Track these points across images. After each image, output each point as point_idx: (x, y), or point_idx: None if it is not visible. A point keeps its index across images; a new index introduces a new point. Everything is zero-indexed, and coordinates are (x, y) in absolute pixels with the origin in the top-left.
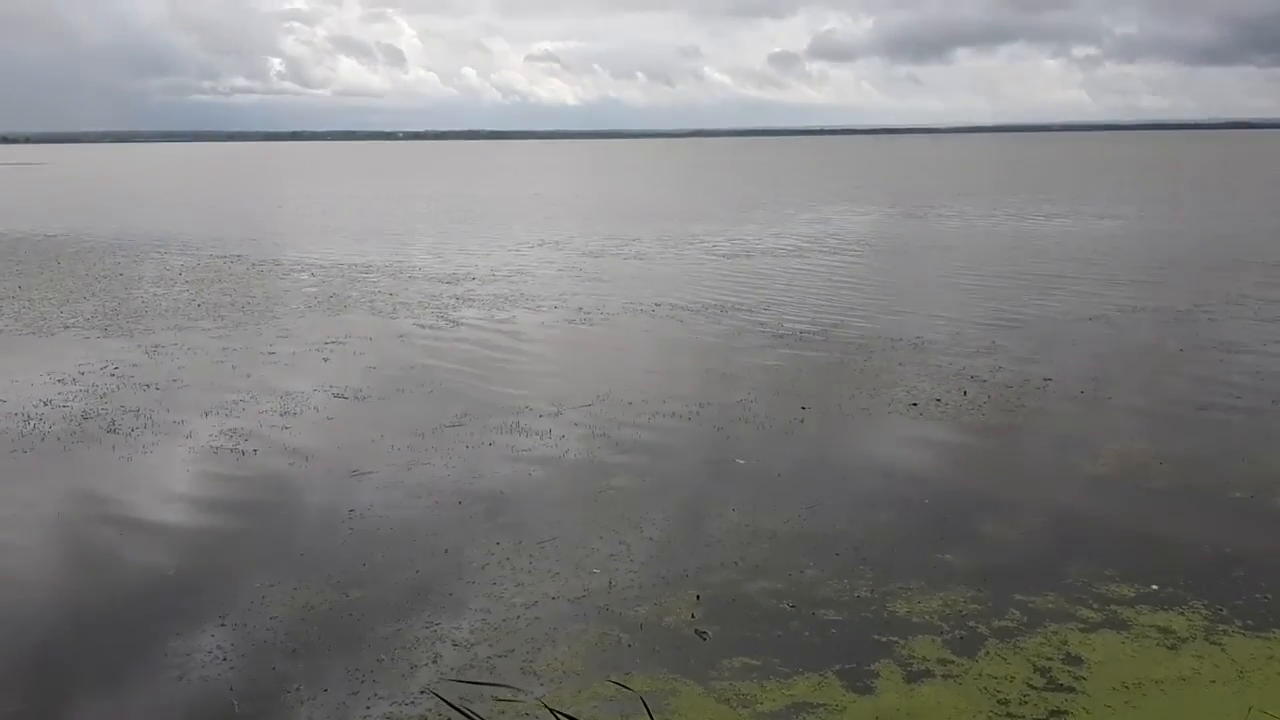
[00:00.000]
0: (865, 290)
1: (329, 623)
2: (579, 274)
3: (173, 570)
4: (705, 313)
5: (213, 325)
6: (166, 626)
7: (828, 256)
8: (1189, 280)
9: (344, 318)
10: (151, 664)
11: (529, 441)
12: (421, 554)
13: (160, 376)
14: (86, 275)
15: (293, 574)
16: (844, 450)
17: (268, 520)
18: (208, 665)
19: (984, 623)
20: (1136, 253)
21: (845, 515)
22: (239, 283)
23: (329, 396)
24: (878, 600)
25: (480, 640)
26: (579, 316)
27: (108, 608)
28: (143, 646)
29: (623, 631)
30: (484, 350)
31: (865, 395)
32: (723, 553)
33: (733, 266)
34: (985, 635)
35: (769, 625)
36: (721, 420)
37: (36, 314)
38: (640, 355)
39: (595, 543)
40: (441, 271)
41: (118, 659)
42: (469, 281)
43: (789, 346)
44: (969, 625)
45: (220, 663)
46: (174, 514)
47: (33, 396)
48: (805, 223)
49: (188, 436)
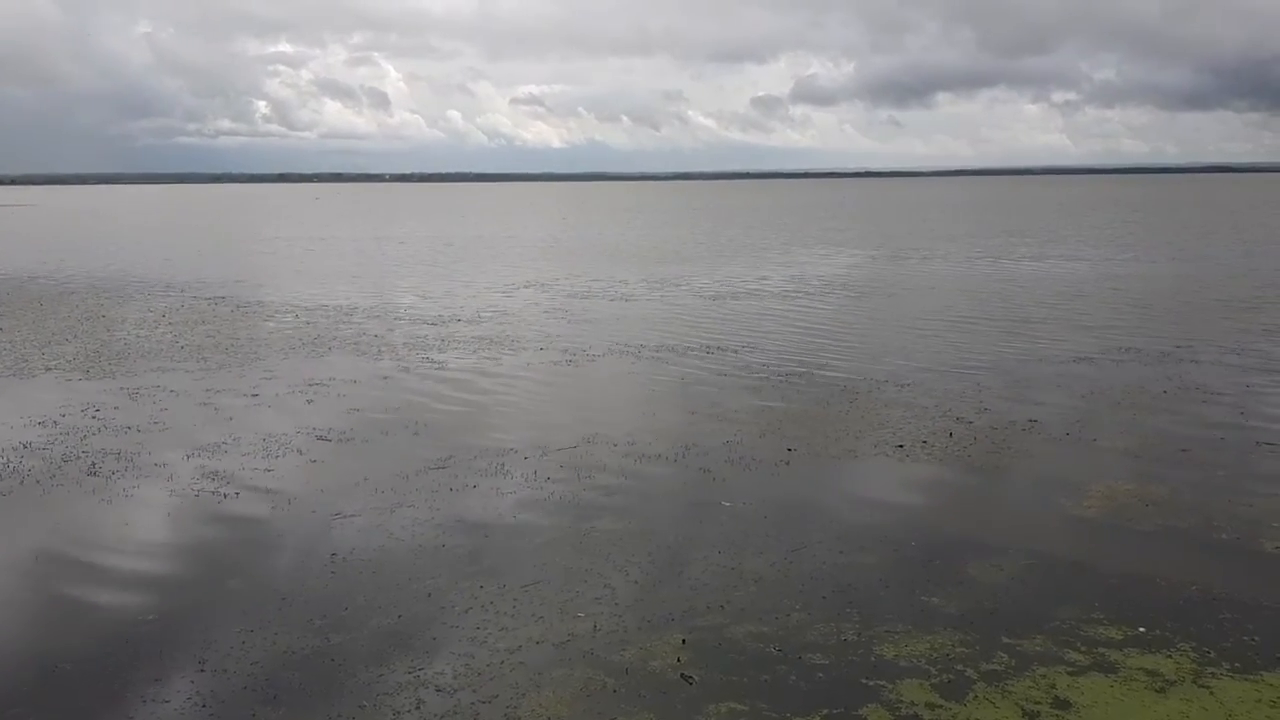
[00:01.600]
0: (850, 332)
1: (310, 668)
2: (565, 316)
3: (153, 615)
4: (691, 354)
5: (196, 367)
6: (145, 672)
7: (812, 299)
8: (1171, 322)
9: (328, 360)
10: (129, 711)
11: (513, 484)
12: (404, 598)
13: (142, 419)
14: (69, 317)
15: (274, 618)
16: (830, 492)
17: (249, 564)
18: (187, 712)
19: (972, 666)
20: (1119, 294)
21: (831, 558)
22: (223, 324)
23: (312, 439)
24: (864, 644)
25: (464, 686)
26: (564, 358)
27: (85, 654)
28: (120, 693)
29: (608, 676)
30: (468, 392)
31: (851, 437)
32: (708, 596)
33: (718, 308)
34: (973, 679)
35: (755, 669)
36: (707, 462)
37: (17, 355)
38: (626, 397)
39: (580, 586)
40: (427, 313)
41: (95, 706)
42: (454, 323)
43: (775, 388)
44: (956, 669)
45: (200, 709)
46: (154, 558)
47: (12, 439)
48: (790, 265)
49: (169, 479)
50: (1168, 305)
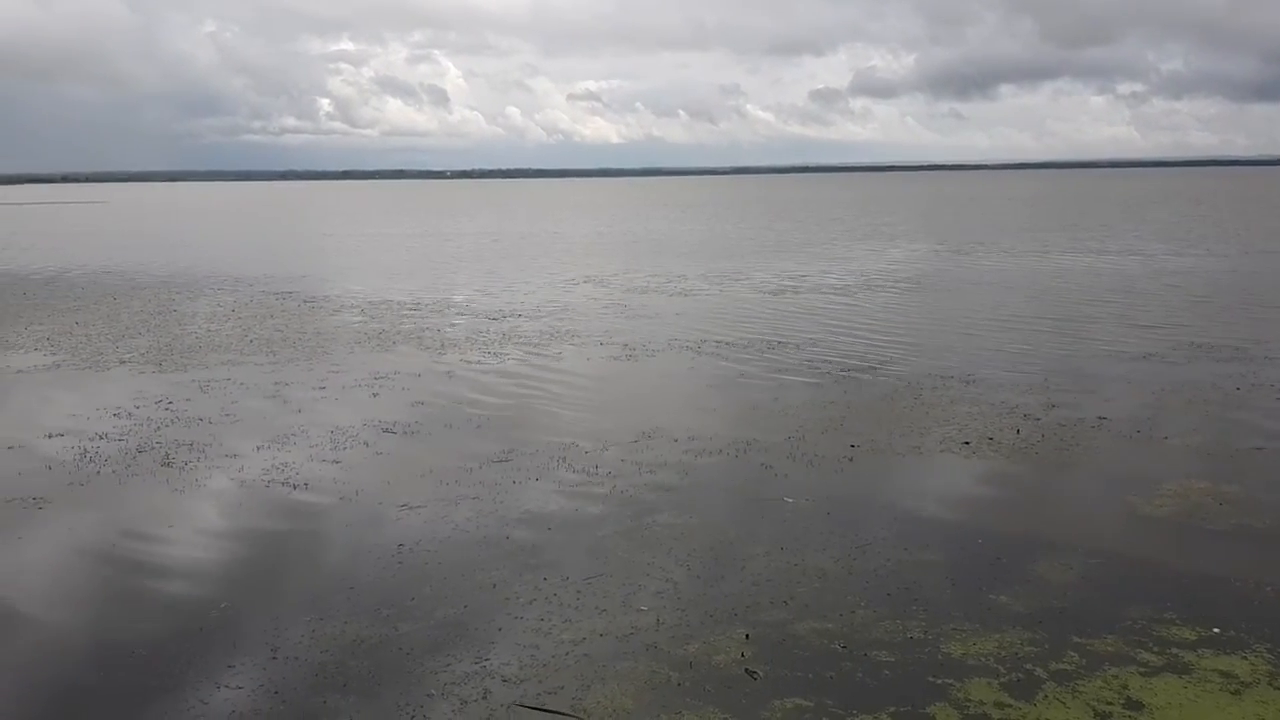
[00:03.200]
0: (913, 327)
1: (379, 657)
2: (624, 310)
3: (225, 603)
4: (751, 349)
5: (265, 360)
6: (218, 659)
7: (875, 293)
8: (1245, 318)
9: (392, 354)
10: (204, 696)
11: (574, 477)
12: (469, 589)
13: (213, 411)
14: (141, 311)
15: (343, 608)
16: (895, 489)
17: (317, 554)
18: (260, 699)
19: (1041, 665)
20: (1191, 289)
21: (896, 555)
22: (290, 319)
23: (378, 431)
24: (931, 641)
25: (529, 677)
26: (624, 353)
27: (160, 640)
28: (195, 679)
29: (672, 670)
30: (530, 386)
31: (916, 433)
32: (771, 591)
33: (778, 303)
34: (1043, 678)
35: (820, 666)
36: (769, 458)
37: (93, 349)
38: (686, 392)
39: (642, 580)
40: (488, 308)
41: (170, 691)
42: (515, 318)
43: (837, 384)
44: (1025, 668)
45: (273, 695)
46: (225, 547)
47: (89, 430)
48: (851, 260)
49: (240, 470)
50: (1238, 301)
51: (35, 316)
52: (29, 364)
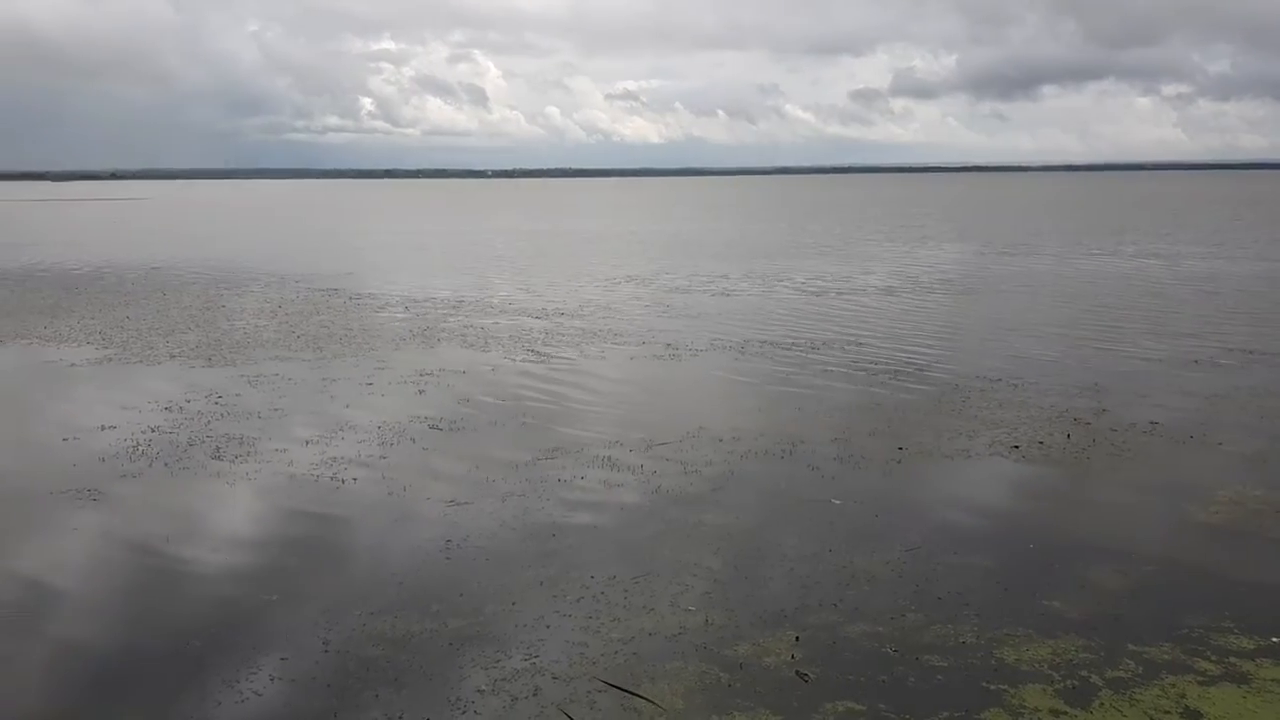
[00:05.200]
0: (960, 329)
1: (429, 652)
2: (666, 310)
3: (276, 595)
4: (796, 350)
5: (312, 356)
6: (272, 651)
7: (920, 295)
8: None
9: (437, 350)
10: (257, 688)
11: (620, 476)
12: (518, 585)
13: (262, 406)
14: (190, 306)
15: (393, 602)
16: (944, 492)
17: (367, 548)
18: (312, 691)
19: (1097, 673)
20: (1244, 294)
21: (947, 558)
22: (336, 315)
23: (424, 427)
24: (984, 647)
25: (579, 674)
26: (668, 352)
27: (213, 631)
28: (248, 670)
29: (722, 671)
30: (574, 384)
31: (964, 436)
32: (821, 594)
33: (822, 304)
34: (1099, 686)
35: (872, 669)
36: (815, 459)
37: (144, 343)
38: (730, 392)
39: (689, 580)
40: (530, 306)
41: (223, 682)
42: (558, 316)
43: (883, 385)
44: (1081, 675)
45: (325, 689)
46: (276, 540)
47: (141, 423)
48: (895, 260)
49: (289, 465)
50: None
51: (87, 311)
52: (81, 357)
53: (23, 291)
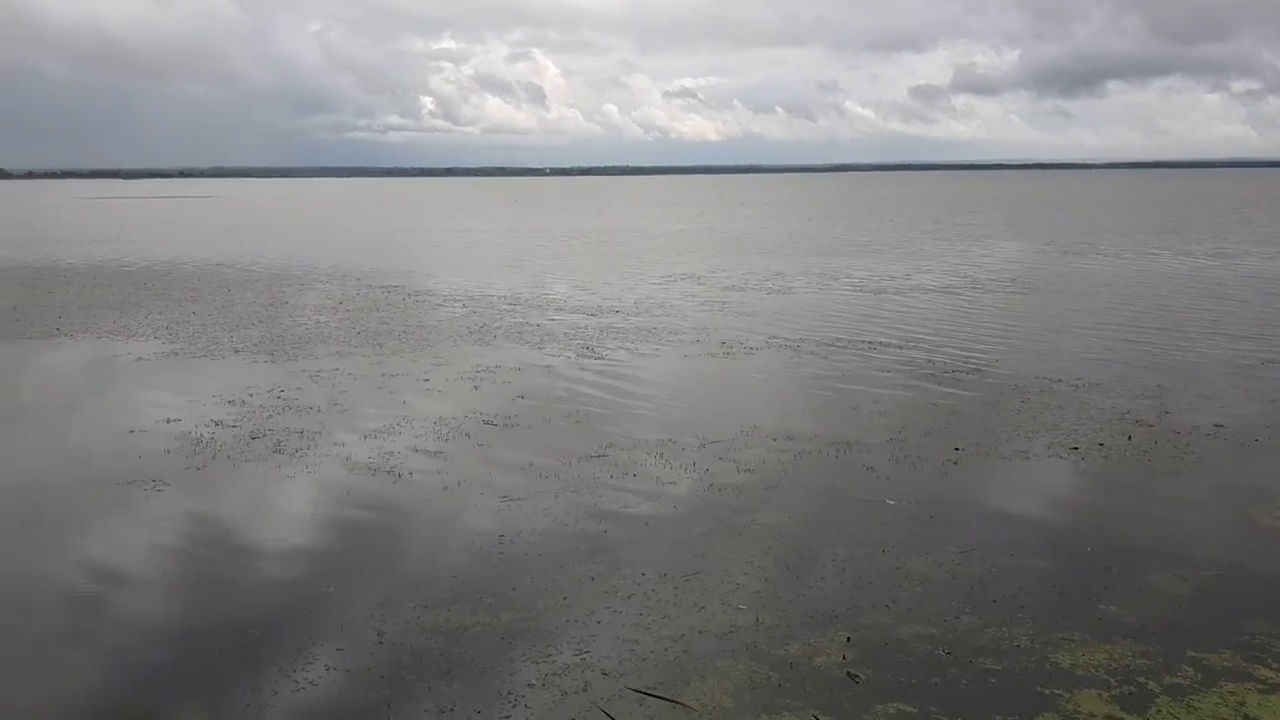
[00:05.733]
0: (1020, 329)
1: (482, 645)
2: (722, 308)
3: (333, 587)
4: (852, 349)
5: (371, 352)
6: (327, 641)
7: (979, 293)
8: None
9: (493, 347)
10: (313, 677)
11: (673, 474)
12: (569, 581)
13: (322, 400)
14: (254, 302)
15: (446, 596)
16: (1001, 494)
17: (422, 542)
18: (366, 682)
19: (1154, 679)
20: None
21: (1003, 561)
22: (396, 312)
23: (480, 423)
24: (1039, 650)
25: (629, 671)
26: (722, 350)
27: (271, 620)
28: (305, 660)
29: (772, 670)
30: (628, 382)
31: (1022, 437)
32: (873, 594)
33: (880, 302)
34: (1156, 692)
35: (924, 671)
36: (870, 459)
37: (209, 338)
38: (785, 391)
39: (740, 578)
40: (587, 304)
41: (280, 670)
42: (613, 314)
43: (941, 385)
44: (1138, 681)
45: (379, 680)
46: (333, 532)
47: (205, 416)
48: (954, 258)
49: (347, 458)
50: None
51: (154, 306)
52: (149, 351)
53: (94, 286)
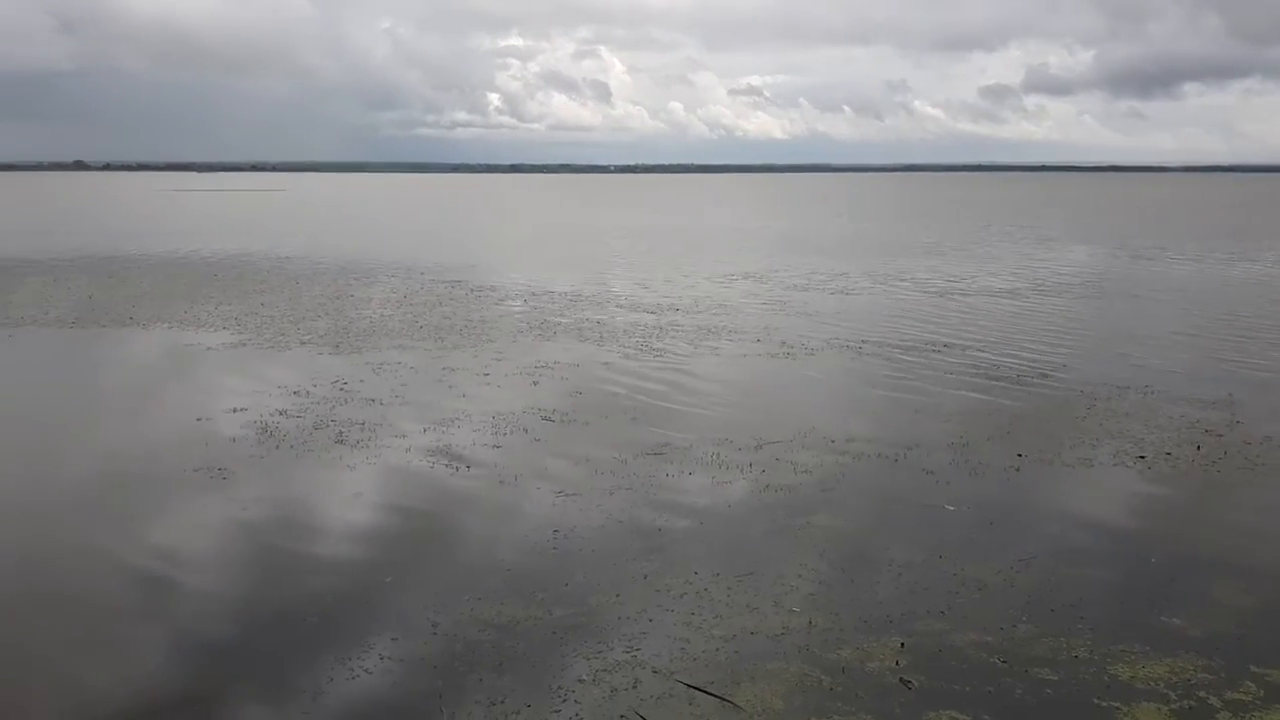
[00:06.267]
0: (1088, 334)
1: (533, 639)
2: (783, 307)
3: (390, 578)
4: (915, 351)
5: (433, 346)
6: (383, 631)
7: (1048, 297)
8: None
9: (553, 343)
10: (368, 665)
11: (728, 473)
12: (622, 578)
13: (384, 392)
14: (320, 295)
15: (500, 589)
16: (1063, 502)
17: (477, 535)
18: (419, 672)
19: (1215, 694)
20: None
21: (1063, 570)
22: (458, 307)
23: (537, 418)
24: (1097, 662)
25: (680, 669)
26: (782, 350)
27: (329, 609)
28: (360, 649)
29: (823, 674)
30: (686, 380)
31: (1087, 445)
32: (929, 601)
33: (945, 305)
34: (1216, 707)
35: (979, 679)
36: (930, 463)
37: (276, 330)
38: (845, 392)
39: (794, 581)
40: (646, 301)
41: (337, 658)
42: (673, 312)
43: (1005, 390)
44: (1198, 695)
45: (431, 670)
46: (391, 523)
47: (270, 407)
48: (1023, 261)
49: (407, 450)
50: None
51: (224, 297)
52: (218, 342)
53: (166, 277)
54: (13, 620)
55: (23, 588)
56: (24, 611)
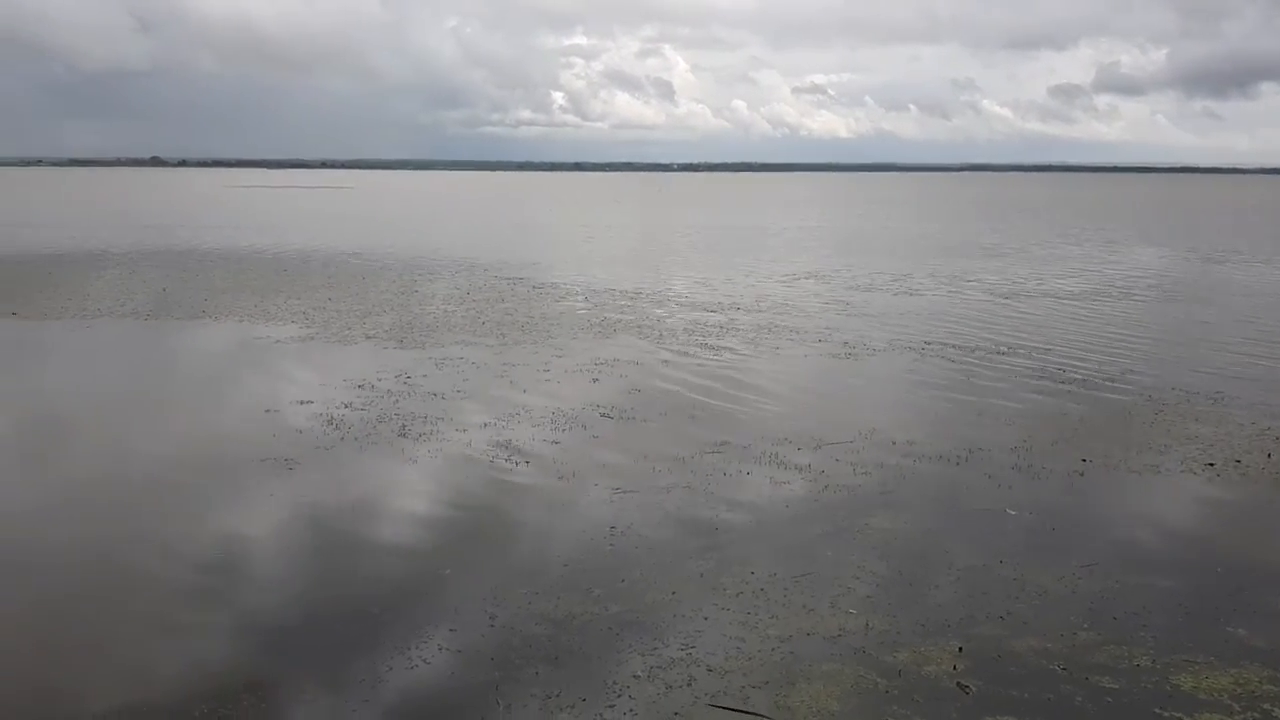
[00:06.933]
0: (1157, 338)
1: (590, 634)
2: (845, 307)
3: (449, 570)
4: (979, 353)
5: (495, 342)
6: (442, 622)
7: (1117, 300)
8: None
9: (613, 341)
10: (427, 656)
11: (787, 474)
12: (678, 576)
13: (446, 387)
14: (386, 290)
15: (556, 584)
16: (1128, 508)
17: (535, 530)
18: (476, 663)
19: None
20: None
21: (1126, 578)
22: (520, 303)
23: (596, 415)
24: (1160, 671)
25: (735, 669)
26: (844, 351)
27: (390, 600)
28: (420, 639)
29: (880, 676)
30: (746, 379)
31: (1154, 451)
32: (988, 605)
33: (1010, 307)
34: None
35: (1037, 686)
36: (992, 467)
37: (342, 324)
38: (907, 394)
39: (851, 582)
40: (707, 300)
41: (399, 648)
42: (733, 310)
43: (1070, 394)
44: (1264, 708)
45: (489, 661)
46: (451, 516)
47: (336, 399)
48: (1092, 263)
49: (468, 444)
50: None
51: (292, 292)
52: (286, 335)
53: (237, 271)
54: (85, 601)
55: (95, 571)
56: (96, 594)
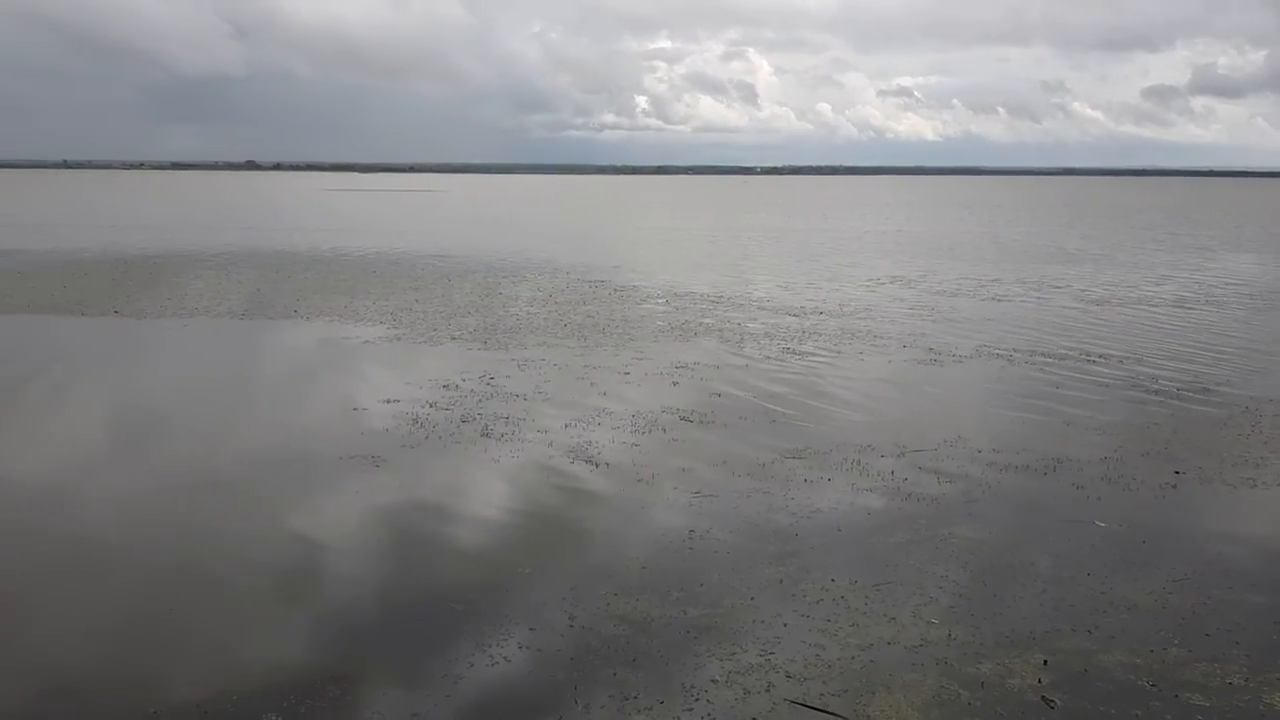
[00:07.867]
0: (1257, 348)
1: (668, 637)
2: (931, 313)
3: (528, 569)
4: (1069, 361)
5: (576, 344)
6: (521, 620)
7: (1214, 308)
8: None
9: (693, 344)
10: (506, 653)
11: (869, 481)
12: (757, 581)
13: (529, 388)
14: (471, 292)
15: (635, 586)
16: (1222, 522)
17: (614, 531)
18: (554, 663)
19: None
20: None
21: (1219, 593)
22: (601, 306)
23: (675, 419)
24: (1253, 689)
25: (814, 676)
26: (928, 357)
27: (471, 596)
28: (500, 636)
29: (962, 688)
30: (828, 385)
31: (1250, 464)
32: (1075, 618)
33: (1102, 314)
34: None
35: (1124, 702)
36: (1080, 478)
37: (428, 325)
38: (993, 402)
39: (935, 592)
40: (789, 304)
41: (478, 644)
42: (815, 315)
43: (1163, 404)
44: None
45: (567, 661)
46: (531, 515)
47: (421, 399)
48: (1189, 270)
49: (549, 445)
50: None
51: (381, 293)
52: (374, 335)
53: (328, 272)
54: (175, 591)
55: (183, 562)
56: (183, 585)
